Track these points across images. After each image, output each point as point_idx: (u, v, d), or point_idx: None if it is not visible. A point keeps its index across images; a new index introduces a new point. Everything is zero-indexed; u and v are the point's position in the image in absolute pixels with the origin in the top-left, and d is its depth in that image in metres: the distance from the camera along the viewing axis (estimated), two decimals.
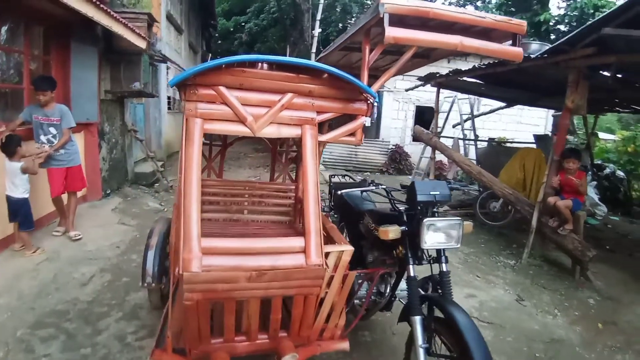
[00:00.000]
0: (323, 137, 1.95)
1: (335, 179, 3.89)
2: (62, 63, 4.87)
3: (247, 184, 3.57)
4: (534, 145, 8.83)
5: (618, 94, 5.52)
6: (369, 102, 1.95)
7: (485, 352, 1.68)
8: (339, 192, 2.41)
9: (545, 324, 3.41)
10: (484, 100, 9.46)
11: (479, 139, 8.45)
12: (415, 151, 10.98)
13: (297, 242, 1.75)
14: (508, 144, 9.28)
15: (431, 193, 2.07)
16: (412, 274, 2.07)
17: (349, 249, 1.91)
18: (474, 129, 8.44)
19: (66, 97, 4.81)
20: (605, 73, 4.50)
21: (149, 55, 5.82)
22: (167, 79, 9.93)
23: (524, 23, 1.99)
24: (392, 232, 2.05)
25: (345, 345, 2.15)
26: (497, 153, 8.15)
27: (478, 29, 1.98)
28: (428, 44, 1.88)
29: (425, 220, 1.97)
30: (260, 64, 1.76)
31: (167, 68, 9.29)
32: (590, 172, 7.26)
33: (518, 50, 2.03)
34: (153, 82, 6.21)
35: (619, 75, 4.64)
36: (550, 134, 9.69)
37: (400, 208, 2.22)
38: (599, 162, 8.83)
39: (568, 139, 10.00)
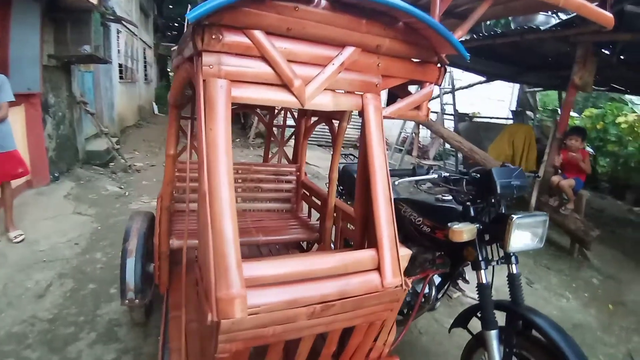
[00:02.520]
0: (386, 111, 1.44)
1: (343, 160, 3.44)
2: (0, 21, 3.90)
3: (240, 166, 3.00)
4: (512, 121, 8.84)
5: (608, 72, 5.42)
6: (440, 66, 1.46)
7: None
8: (396, 183, 1.92)
9: (562, 309, 3.30)
10: (456, 75, 9.23)
11: (459, 113, 8.27)
12: (391, 126, 10.61)
13: (367, 255, 1.27)
14: (487, 119, 9.21)
15: (512, 183, 1.68)
16: (484, 281, 1.73)
17: (406, 253, 1.46)
18: (454, 103, 8.22)
19: (4, 63, 3.89)
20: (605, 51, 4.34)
21: (100, 13, 4.84)
22: (119, 44, 8.73)
23: None
24: (467, 232, 1.66)
25: None
26: (478, 128, 8.03)
27: None
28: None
29: (515, 218, 1.59)
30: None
31: (118, 32, 8.11)
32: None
33: (610, 16, 1.73)
34: (105, 46, 5.23)
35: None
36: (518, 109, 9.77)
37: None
38: None
39: (529, 115, 10.19)
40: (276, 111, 3.31)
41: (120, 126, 9.24)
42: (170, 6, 19.31)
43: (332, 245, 2.49)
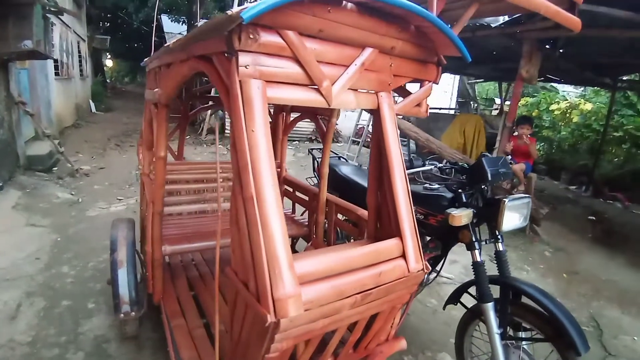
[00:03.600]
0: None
1: (316, 153, 3.47)
2: None
3: (221, 165, 2.93)
4: (458, 111, 9.41)
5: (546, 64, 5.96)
6: (439, 65, 1.57)
7: (580, 330, 1.64)
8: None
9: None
10: None
11: None
12: (343, 119, 10.80)
13: (394, 244, 1.35)
14: (435, 110, 9.70)
15: (500, 170, 1.85)
16: (478, 259, 1.89)
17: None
18: None
19: None
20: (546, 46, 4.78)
21: (42, 5, 4.38)
22: (53, 38, 7.97)
23: None
24: (465, 217, 1.81)
25: (403, 344, 1.83)
26: (428, 119, 8.44)
27: None
28: (532, 7, 1.58)
29: (506, 201, 1.75)
30: (346, 1, 1.20)
31: (52, 24, 7.40)
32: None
33: (577, 19, 1.91)
34: (46, 40, 4.77)
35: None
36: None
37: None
38: None
39: (472, 105, 10.93)
40: None
41: (59, 127, 8.50)
42: None
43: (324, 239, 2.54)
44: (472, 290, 2.02)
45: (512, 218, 1.83)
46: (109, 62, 26.43)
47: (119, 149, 8.48)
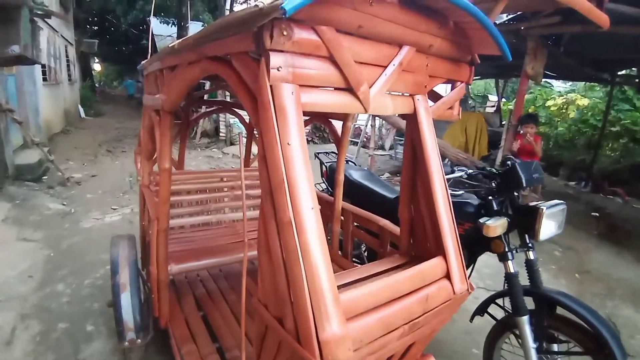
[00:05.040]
0: None
1: (323, 157, 3.34)
2: None
3: (224, 173, 2.78)
4: None
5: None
6: (471, 64, 1.44)
7: (619, 341, 1.59)
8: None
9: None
10: None
11: None
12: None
13: (438, 264, 1.22)
14: None
15: (534, 176, 1.75)
16: (512, 270, 1.79)
17: None
18: None
19: None
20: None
21: (29, 8, 4.17)
22: (40, 42, 7.71)
23: None
24: (500, 227, 1.70)
25: None
26: None
27: None
28: (569, 2, 1.47)
29: (545, 209, 1.65)
30: None
31: (39, 29, 7.14)
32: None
33: (606, 16, 1.82)
34: (34, 44, 4.56)
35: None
36: None
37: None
38: (505, 122, 9.78)
39: (470, 103, 10.89)
40: None
41: (48, 134, 8.24)
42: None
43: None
44: (499, 300, 1.93)
45: (550, 226, 1.73)
46: (97, 66, 25.94)
47: (110, 155, 8.26)
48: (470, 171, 1.94)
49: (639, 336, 2.81)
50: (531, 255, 1.84)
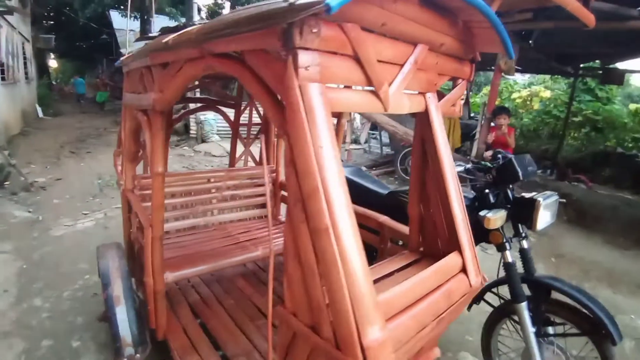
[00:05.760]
0: None
1: None
2: None
3: (211, 174, 2.70)
4: None
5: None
6: (472, 62, 1.47)
7: (613, 320, 1.66)
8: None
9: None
10: None
11: None
12: None
13: (455, 259, 1.24)
14: None
15: (529, 169, 1.80)
16: (509, 260, 1.85)
17: None
18: None
19: None
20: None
21: None
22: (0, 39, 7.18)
23: None
24: (499, 219, 1.74)
25: (437, 351, 1.74)
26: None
27: None
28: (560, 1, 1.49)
29: (542, 200, 1.73)
30: None
31: None
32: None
33: (592, 15, 1.87)
34: None
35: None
36: None
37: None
38: (473, 114, 10.10)
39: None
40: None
41: (6, 135, 7.73)
42: None
43: None
44: (494, 289, 1.99)
45: (546, 216, 1.79)
46: (53, 63, 24.47)
47: (74, 157, 7.86)
48: (469, 166, 1.98)
49: (620, 316, 2.95)
50: (525, 244, 1.91)
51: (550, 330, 1.86)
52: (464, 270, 1.25)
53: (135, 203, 2.06)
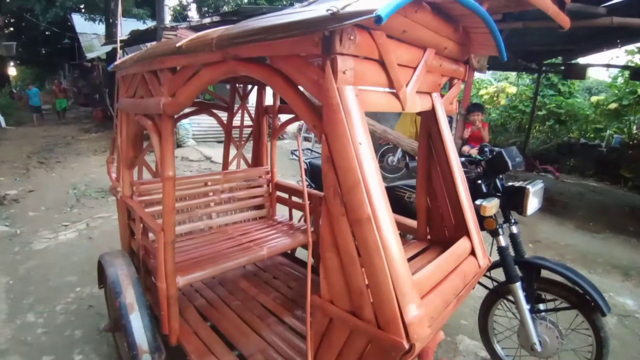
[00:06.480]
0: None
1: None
2: None
3: (208, 177, 2.71)
4: None
5: None
6: (466, 63, 1.59)
7: (600, 293, 1.82)
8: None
9: (495, 253, 3.93)
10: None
11: None
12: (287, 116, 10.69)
13: (466, 244, 1.36)
14: None
15: (516, 160, 1.96)
16: (503, 244, 2.00)
17: None
18: None
19: None
20: None
21: None
22: None
23: None
24: (494, 207, 1.87)
25: (442, 334, 1.84)
26: (377, 113, 8.70)
27: None
28: (542, 5, 1.64)
29: (531, 187, 1.89)
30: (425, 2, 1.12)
31: None
32: None
33: (567, 18, 2.03)
34: None
35: None
36: None
37: None
38: None
39: None
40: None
41: None
42: None
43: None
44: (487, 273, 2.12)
45: (534, 202, 1.94)
46: (12, 71, 23.20)
47: (44, 167, 7.55)
48: (462, 159, 2.11)
49: None
50: (514, 229, 2.06)
51: (542, 306, 2.01)
52: (473, 253, 1.37)
53: (138, 209, 2.05)
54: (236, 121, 2.96)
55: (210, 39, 1.20)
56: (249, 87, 2.85)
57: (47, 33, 15.79)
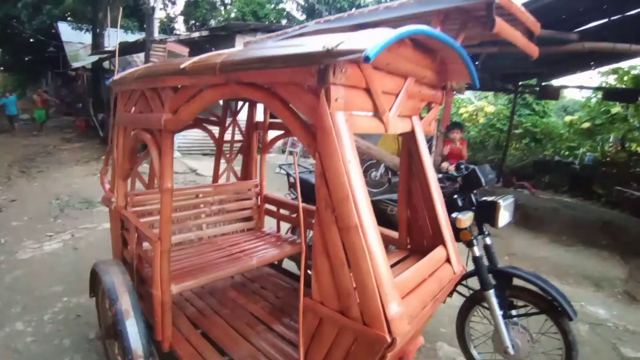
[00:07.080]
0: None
1: (288, 169, 3.52)
2: None
3: (199, 189, 2.81)
4: None
5: None
6: (443, 89, 1.78)
7: (567, 299, 1.99)
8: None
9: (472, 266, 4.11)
10: None
11: None
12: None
13: (442, 252, 1.51)
14: None
15: (489, 177, 2.12)
16: (477, 254, 2.14)
17: None
18: None
19: None
20: None
21: None
22: None
23: (539, 24, 2.15)
24: (469, 219, 2.04)
25: (422, 339, 1.97)
26: None
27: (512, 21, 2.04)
28: (511, 39, 1.84)
29: (502, 202, 2.06)
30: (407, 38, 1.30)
31: None
32: None
33: (536, 48, 2.23)
34: None
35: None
36: None
37: None
38: None
39: None
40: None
41: None
42: None
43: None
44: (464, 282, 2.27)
45: (505, 215, 2.12)
46: None
47: (26, 177, 7.45)
48: (439, 176, 2.28)
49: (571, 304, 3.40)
50: (488, 240, 2.23)
51: (514, 312, 2.17)
52: (448, 260, 1.52)
53: (133, 219, 2.13)
54: (227, 135, 3.08)
55: (214, 63, 1.34)
56: (240, 103, 2.98)
57: (31, 40, 15.62)
